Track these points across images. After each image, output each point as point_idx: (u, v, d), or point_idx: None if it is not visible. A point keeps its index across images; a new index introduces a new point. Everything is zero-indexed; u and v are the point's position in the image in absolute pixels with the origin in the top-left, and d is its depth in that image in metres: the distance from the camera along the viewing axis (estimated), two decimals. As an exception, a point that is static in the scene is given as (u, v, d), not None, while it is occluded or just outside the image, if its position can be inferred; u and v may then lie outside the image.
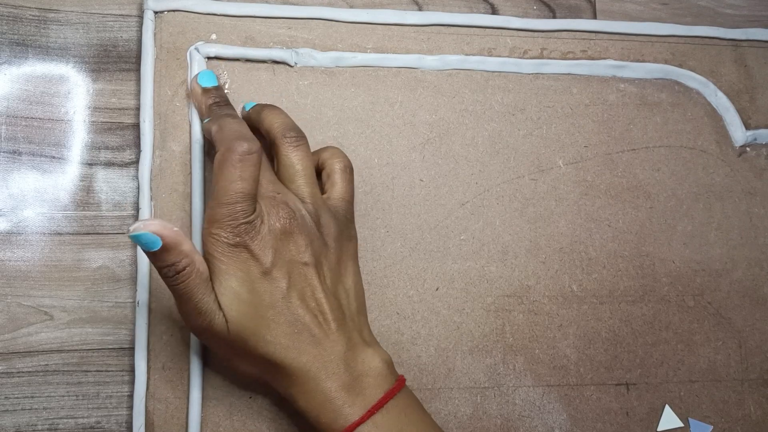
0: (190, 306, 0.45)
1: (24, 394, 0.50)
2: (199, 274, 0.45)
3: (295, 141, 0.50)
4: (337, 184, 0.51)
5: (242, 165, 0.45)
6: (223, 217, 0.45)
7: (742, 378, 0.58)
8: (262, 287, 0.46)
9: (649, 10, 0.62)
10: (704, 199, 0.60)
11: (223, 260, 0.45)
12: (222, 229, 0.45)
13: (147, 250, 0.44)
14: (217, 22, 0.55)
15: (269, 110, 0.51)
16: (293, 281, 0.46)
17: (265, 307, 0.46)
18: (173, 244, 0.44)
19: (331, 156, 0.52)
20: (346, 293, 0.49)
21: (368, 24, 0.57)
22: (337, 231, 0.49)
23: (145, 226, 0.43)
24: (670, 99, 0.61)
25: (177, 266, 0.44)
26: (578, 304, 0.57)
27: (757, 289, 0.60)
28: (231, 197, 0.45)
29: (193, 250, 0.45)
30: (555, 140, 0.58)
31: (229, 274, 0.45)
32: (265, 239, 0.46)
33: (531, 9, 0.60)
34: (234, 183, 0.45)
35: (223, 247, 0.45)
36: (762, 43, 0.63)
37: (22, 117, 0.52)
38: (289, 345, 0.46)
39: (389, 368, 0.48)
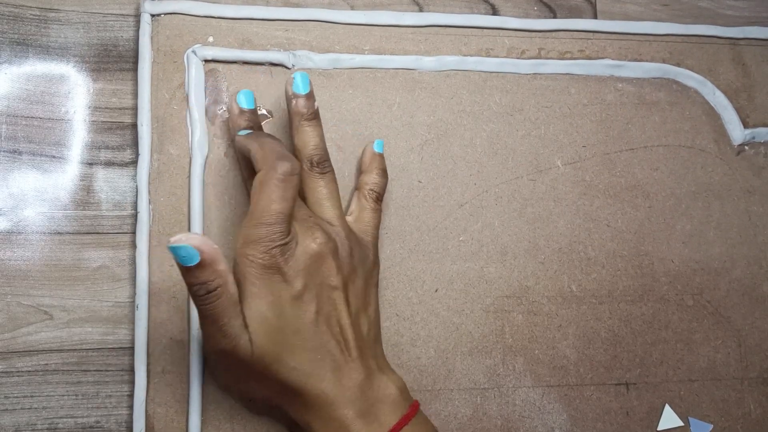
0: (215, 328, 0.45)
1: (23, 393, 0.50)
2: (230, 296, 0.44)
3: (322, 169, 0.50)
4: (367, 210, 0.52)
5: (284, 186, 0.45)
6: (260, 237, 0.44)
7: (742, 376, 0.58)
8: (291, 312, 0.45)
9: (649, 11, 0.63)
10: (703, 198, 0.60)
11: (255, 282, 0.45)
12: (258, 250, 0.44)
13: (183, 264, 0.42)
14: (214, 24, 0.55)
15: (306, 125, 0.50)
16: (321, 306, 0.46)
17: (292, 332, 0.45)
18: (210, 261, 0.43)
19: (372, 181, 0.52)
20: (367, 320, 0.49)
21: (365, 25, 0.57)
22: (364, 258, 0.50)
23: (188, 239, 0.42)
24: (668, 98, 0.61)
25: (209, 285, 0.43)
26: (577, 304, 0.57)
27: (756, 288, 0.60)
28: (270, 217, 0.44)
29: (227, 271, 0.44)
30: (553, 140, 0.59)
31: (260, 298, 0.45)
32: (299, 262, 0.45)
33: (531, 10, 0.61)
34: (274, 203, 0.44)
35: (256, 269, 0.45)
36: (760, 42, 0.63)
37: (23, 116, 0.53)
38: (312, 372, 0.45)
39: (403, 394, 0.48)
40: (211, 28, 0.55)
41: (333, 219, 0.49)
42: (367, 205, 0.52)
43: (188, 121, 0.53)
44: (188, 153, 0.53)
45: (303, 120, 0.50)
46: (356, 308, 0.48)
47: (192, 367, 0.51)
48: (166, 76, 0.54)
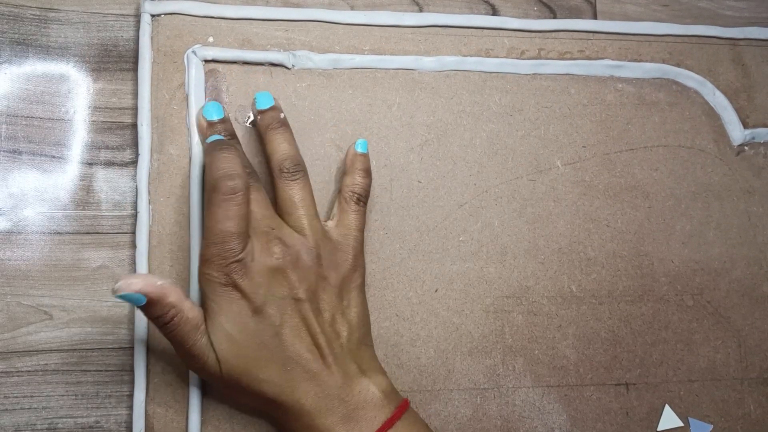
0: (183, 351, 0.47)
1: (23, 393, 0.50)
2: (187, 321, 0.46)
3: (292, 175, 0.50)
4: (348, 213, 0.51)
5: (227, 204, 0.45)
6: (212, 256, 0.46)
7: (742, 377, 0.58)
8: (254, 326, 0.46)
9: (649, 11, 0.62)
10: (703, 199, 0.60)
11: (215, 299, 0.46)
12: (212, 269, 0.46)
13: (135, 305, 0.45)
14: (214, 25, 0.55)
15: (272, 134, 0.51)
16: (286, 318, 0.47)
17: (257, 345, 0.46)
18: (157, 298, 0.44)
19: (353, 183, 0.52)
20: (347, 325, 0.49)
21: (365, 26, 0.57)
22: (339, 262, 0.50)
23: (128, 286, 0.44)
24: (668, 98, 0.61)
25: (164, 318, 0.45)
26: (577, 304, 0.57)
27: (756, 288, 0.59)
28: (218, 236, 0.45)
29: (180, 299, 0.45)
30: (553, 141, 0.59)
31: (221, 314, 0.46)
32: (255, 278, 0.46)
33: (531, 10, 0.61)
34: (220, 223, 0.45)
35: (215, 287, 0.46)
36: (760, 42, 0.63)
37: (23, 116, 0.53)
38: (282, 383, 0.46)
39: (387, 397, 0.47)
40: (211, 28, 0.55)
41: (305, 228, 0.49)
42: (348, 208, 0.51)
43: (188, 121, 0.53)
44: (188, 153, 0.53)
45: (269, 130, 0.51)
46: (330, 315, 0.48)
47: (192, 367, 0.51)
48: (166, 76, 0.54)
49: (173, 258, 0.52)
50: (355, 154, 0.53)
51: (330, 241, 0.50)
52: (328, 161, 0.55)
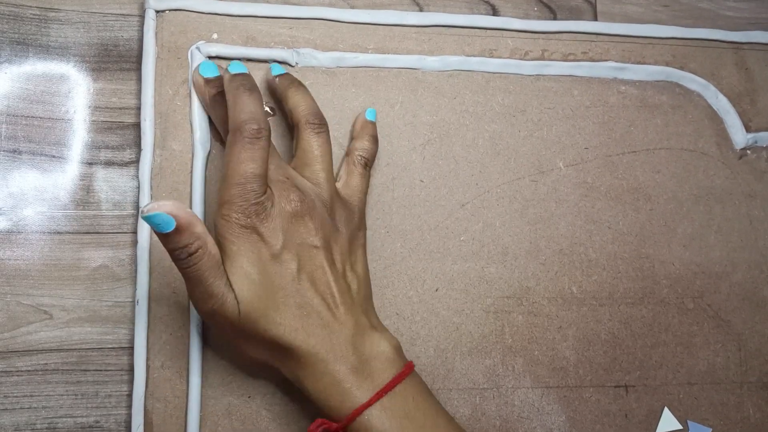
0: (201, 289, 0.45)
1: (23, 393, 0.50)
2: (211, 257, 0.44)
3: (317, 128, 0.51)
4: (354, 175, 0.52)
5: (252, 146, 0.45)
6: (233, 197, 0.45)
7: (741, 380, 0.58)
8: (273, 269, 0.46)
9: (650, 12, 0.62)
10: (704, 202, 0.60)
11: (234, 242, 0.45)
12: (233, 210, 0.45)
13: (160, 231, 0.43)
14: (219, 21, 0.55)
15: (294, 90, 0.52)
16: (303, 264, 0.47)
17: (276, 288, 0.46)
18: (186, 225, 0.43)
19: (362, 147, 0.53)
20: (356, 278, 0.49)
21: (369, 24, 0.57)
22: (349, 219, 0.50)
23: (159, 207, 0.42)
24: (670, 101, 0.61)
25: (189, 248, 0.44)
26: (578, 305, 0.57)
27: (756, 292, 0.60)
28: (241, 177, 0.45)
29: (205, 232, 0.44)
30: (555, 142, 0.58)
31: (240, 256, 0.45)
32: (275, 222, 0.46)
33: (532, 10, 0.60)
34: (243, 164, 0.45)
35: (234, 229, 0.45)
36: (763, 46, 0.63)
37: (23, 116, 0.52)
38: (299, 327, 0.46)
39: (398, 353, 0.48)
40: (215, 24, 0.55)
41: (320, 180, 0.49)
42: (355, 170, 0.52)
43: (191, 117, 0.53)
44: (191, 149, 0.53)
45: (290, 88, 0.52)
46: (341, 266, 0.48)
47: (191, 363, 0.51)
48: (170, 72, 0.53)
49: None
50: (365, 121, 0.54)
51: (340, 198, 0.51)
52: (330, 160, 0.55)
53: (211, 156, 0.53)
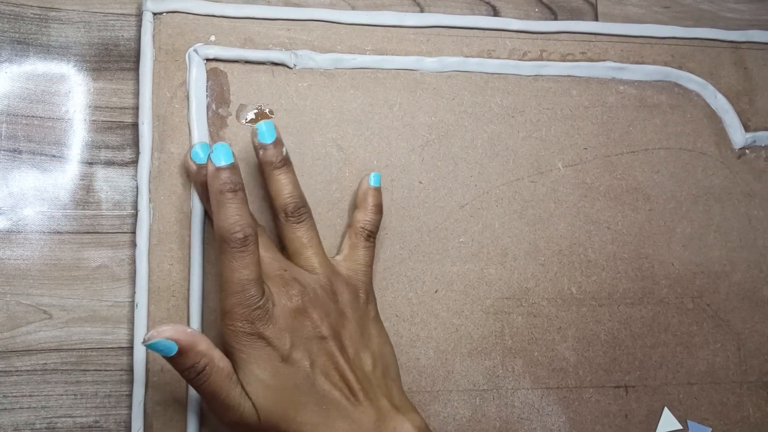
0: (218, 403, 0.45)
1: (22, 392, 0.50)
2: (220, 371, 0.45)
3: (298, 218, 0.50)
4: (359, 249, 0.52)
5: (241, 254, 0.45)
6: (233, 307, 0.45)
7: (741, 380, 0.58)
8: (285, 371, 0.46)
9: (650, 13, 0.62)
10: (703, 202, 0.60)
11: (243, 350, 0.45)
12: (235, 320, 0.45)
13: (164, 355, 0.44)
14: (216, 23, 0.55)
15: (276, 175, 0.50)
16: (314, 359, 0.46)
17: (291, 389, 0.46)
18: (188, 346, 0.44)
19: (365, 219, 0.52)
20: (371, 359, 0.49)
21: (367, 26, 0.57)
22: (353, 297, 0.50)
23: (159, 333, 0.43)
24: (669, 101, 0.61)
25: (197, 367, 0.44)
26: (577, 306, 0.57)
27: (756, 291, 0.60)
28: (237, 286, 0.45)
29: (210, 348, 0.45)
30: (554, 142, 0.58)
31: (251, 363, 0.45)
32: (279, 322, 0.46)
33: (532, 11, 0.61)
34: (236, 272, 0.45)
35: (240, 338, 0.45)
36: (761, 45, 0.63)
37: (23, 115, 0.52)
38: (320, 422, 0.46)
39: None
40: (213, 26, 0.55)
41: (316, 267, 0.49)
42: (359, 244, 0.52)
43: (189, 119, 0.53)
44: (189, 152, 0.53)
45: (273, 169, 0.50)
46: (354, 350, 0.48)
47: (191, 366, 0.51)
48: (168, 74, 0.53)
49: (173, 257, 0.52)
50: (368, 189, 0.53)
51: (340, 276, 0.50)
52: (329, 161, 0.55)
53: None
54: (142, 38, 0.53)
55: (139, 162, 0.52)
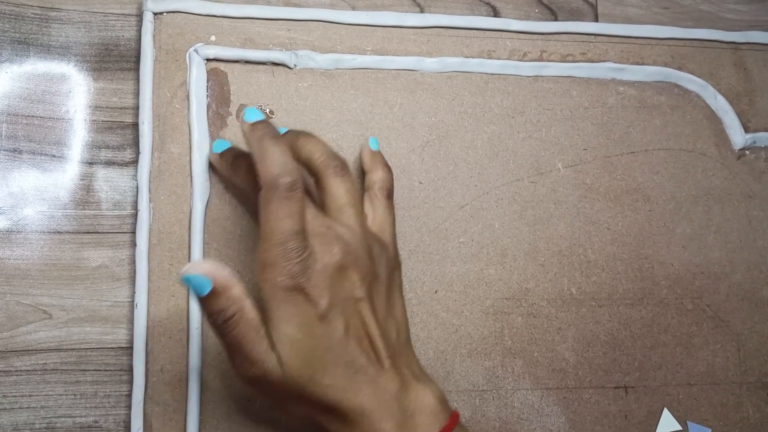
0: (241, 356, 0.44)
1: (22, 392, 0.50)
2: (248, 322, 0.43)
3: (340, 171, 0.48)
4: (380, 209, 0.50)
5: (288, 201, 0.43)
6: (276, 259, 0.43)
7: (741, 381, 0.58)
8: (320, 331, 0.44)
9: (650, 13, 0.63)
10: (703, 202, 0.60)
11: (280, 306, 0.43)
12: (276, 273, 0.43)
13: (196, 293, 0.42)
14: (217, 23, 0.55)
15: (305, 139, 0.49)
16: (349, 320, 0.45)
17: (323, 350, 0.44)
18: (223, 288, 0.42)
19: (379, 178, 0.51)
20: (396, 326, 0.48)
21: (368, 26, 0.57)
22: (386, 260, 0.48)
23: (195, 268, 0.42)
24: (669, 102, 0.61)
25: (226, 313, 0.43)
26: (577, 307, 0.57)
27: (755, 292, 0.60)
28: (281, 236, 0.43)
29: (243, 296, 0.43)
30: (554, 143, 0.59)
31: (286, 321, 0.43)
32: (320, 279, 0.44)
33: (532, 12, 0.61)
34: (282, 221, 0.43)
35: (278, 293, 0.43)
36: (761, 46, 0.63)
37: (23, 115, 0.53)
38: (346, 386, 0.44)
39: (442, 405, 0.46)
40: (213, 26, 0.55)
41: (355, 225, 0.47)
42: (380, 204, 0.50)
43: (189, 119, 0.53)
44: (189, 152, 0.53)
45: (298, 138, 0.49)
46: (383, 315, 0.47)
47: (190, 366, 0.51)
48: (168, 74, 0.54)
49: (173, 257, 0.52)
50: (372, 152, 0.53)
51: (376, 238, 0.49)
52: (329, 161, 0.55)
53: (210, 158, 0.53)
54: (142, 38, 0.53)
55: (139, 162, 0.52)
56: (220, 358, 0.51)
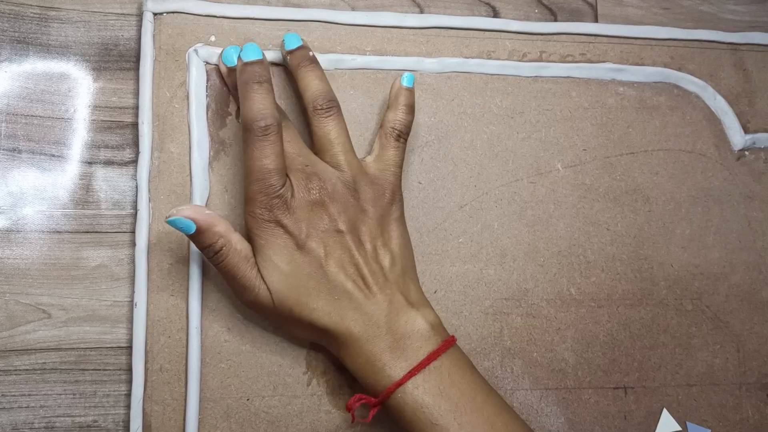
0: (235, 282, 0.48)
1: (21, 392, 0.50)
2: (237, 252, 0.48)
3: (326, 111, 0.51)
4: (388, 149, 0.52)
5: (262, 143, 0.47)
6: (254, 194, 0.47)
7: (740, 382, 0.58)
8: (300, 259, 0.48)
9: (650, 14, 0.63)
10: (703, 203, 0.60)
11: (262, 236, 0.48)
12: (255, 206, 0.47)
13: (184, 233, 0.47)
14: (216, 24, 0.55)
15: (304, 70, 0.52)
16: (329, 250, 0.48)
17: (306, 277, 0.48)
18: (206, 226, 0.47)
19: (395, 119, 0.52)
20: (390, 256, 0.50)
21: (367, 26, 0.57)
22: (377, 195, 0.50)
23: (178, 212, 0.46)
24: (668, 102, 0.61)
25: (214, 247, 0.47)
26: (576, 307, 0.57)
27: (755, 293, 0.60)
28: (258, 174, 0.47)
29: (228, 230, 0.48)
30: (554, 143, 0.59)
31: (268, 249, 0.48)
32: (297, 212, 0.48)
33: (532, 12, 0.61)
34: (258, 161, 0.47)
35: (259, 223, 0.48)
36: (761, 47, 0.63)
37: (23, 115, 0.53)
38: (332, 311, 0.48)
39: (434, 329, 0.48)
40: (213, 27, 0.55)
41: (342, 164, 0.50)
42: (388, 144, 0.52)
43: (189, 119, 0.53)
44: (189, 152, 0.53)
45: (299, 67, 0.52)
46: (372, 246, 0.49)
47: (190, 366, 0.51)
48: (168, 74, 0.54)
49: (173, 256, 0.52)
50: (400, 88, 0.54)
51: (366, 176, 0.51)
52: (328, 162, 0.55)
53: (210, 158, 0.53)
54: (142, 38, 0.54)
55: (139, 162, 0.52)
56: (219, 357, 0.52)
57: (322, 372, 0.53)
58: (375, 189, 0.50)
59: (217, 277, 0.52)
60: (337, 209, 0.48)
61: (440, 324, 0.49)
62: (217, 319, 0.52)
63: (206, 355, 0.52)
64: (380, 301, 0.48)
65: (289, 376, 0.52)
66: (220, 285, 0.52)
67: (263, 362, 0.52)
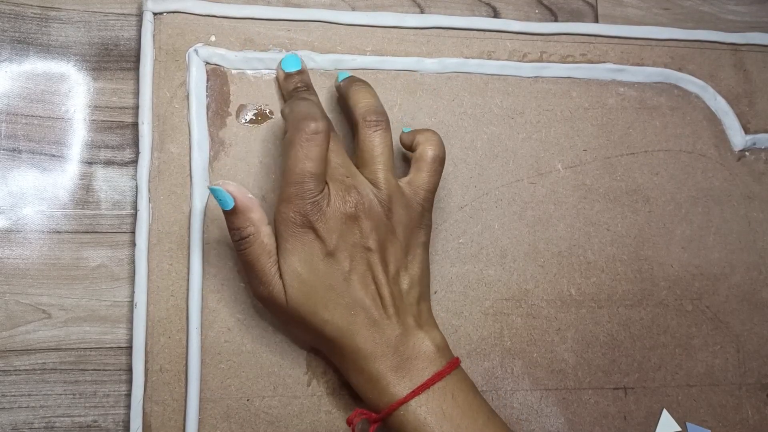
0: (252, 273, 0.48)
1: (21, 392, 0.50)
2: (262, 245, 0.47)
3: (375, 125, 0.50)
4: (422, 172, 0.51)
5: (308, 144, 0.46)
6: (290, 196, 0.47)
7: (740, 382, 0.58)
8: (324, 268, 0.47)
9: (650, 14, 0.63)
10: (703, 204, 0.60)
11: (289, 239, 0.47)
12: (290, 209, 0.47)
13: (221, 206, 0.47)
14: (216, 24, 0.55)
15: (356, 88, 0.52)
16: (355, 265, 0.48)
17: (325, 288, 0.47)
18: (243, 208, 0.47)
19: (426, 141, 0.52)
20: (409, 280, 0.50)
21: (368, 27, 0.57)
22: (408, 219, 0.50)
23: (223, 185, 0.46)
24: (669, 103, 0.61)
25: (242, 232, 0.47)
26: (576, 307, 0.57)
27: (755, 294, 0.60)
28: (298, 176, 0.46)
29: (261, 220, 0.48)
30: (554, 144, 0.59)
31: (293, 254, 0.47)
32: (330, 222, 0.47)
33: (533, 13, 0.61)
34: (300, 162, 0.46)
35: (290, 227, 0.47)
36: (761, 48, 0.63)
37: (23, 115, 0.52)
38: (345, 326, 0.47)
39: (441, 352, 0.48)
40: (213, 27, 0.55)
41: (381, 182, 0.49)
42: (422, 167, 0.51)
43: (189, 119, 0.53)
44: (189, 152, 0.53)
45: (352, 85, 0.52)
46: (395, 268, 0.49)
47: (190, 366, 0.51)
48: (168, 74, 0.54)
49: (172, 257, 0.52)
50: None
51: (402, 197, 0.50)
52: (328, 162, 0.55)
53: (210, 158, 0.53)
54: (142, 38, 0.53)
55: (139, 162, 0.52)
56: (219, 358, 0.52)
57: (322, 373, 0.53)
58: (408, 212, 0.50)
59: (217, 277, 0.52)
60: (370, 226, 0.48)
61: (446, 345, 0.49)
62: (217, 319, 0.52)
63: (206, 356, 0.51)
64: (394, 323, 0.48)
65: (289, 376, 0.52)
66: (220, 285, 0.52)
67: (263, 363, 0.52)
